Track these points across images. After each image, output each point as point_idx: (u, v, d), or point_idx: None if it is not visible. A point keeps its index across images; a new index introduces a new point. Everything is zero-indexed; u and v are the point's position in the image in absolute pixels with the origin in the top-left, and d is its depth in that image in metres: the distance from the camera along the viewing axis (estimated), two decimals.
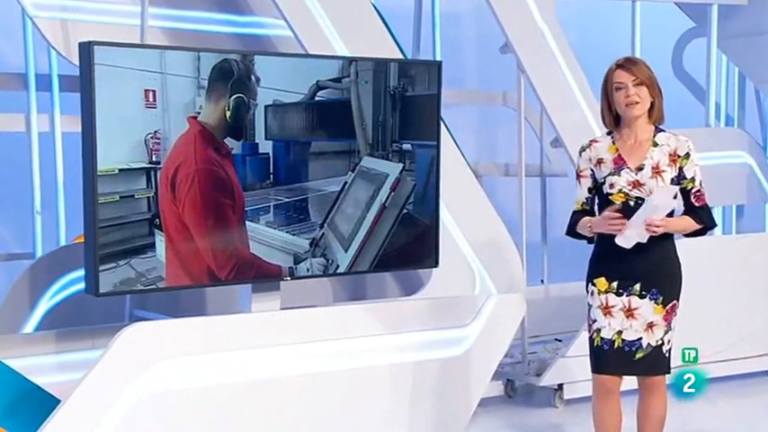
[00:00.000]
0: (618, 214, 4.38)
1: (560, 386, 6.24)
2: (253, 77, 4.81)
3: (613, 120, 4.55)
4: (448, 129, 5.83)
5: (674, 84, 8.04)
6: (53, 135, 6.07)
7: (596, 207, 4.62)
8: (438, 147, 5.41)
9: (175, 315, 5.17)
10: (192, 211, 4.67)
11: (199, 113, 4.67)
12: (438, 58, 6.79)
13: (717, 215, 7.35)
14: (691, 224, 4.54)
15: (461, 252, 5.85)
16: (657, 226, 4.34)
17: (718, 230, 7.45)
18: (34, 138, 6.05)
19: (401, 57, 5.71)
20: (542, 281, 7.42)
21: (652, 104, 4.48)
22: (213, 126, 4.72)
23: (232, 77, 4.75)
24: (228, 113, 4.74)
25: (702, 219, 4.55)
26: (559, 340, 6.80)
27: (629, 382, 4.66)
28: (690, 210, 4.54)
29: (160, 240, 4.63)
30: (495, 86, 7.72)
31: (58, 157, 6.05)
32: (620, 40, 7.00)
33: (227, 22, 5.91)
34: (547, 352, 6.64)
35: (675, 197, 4.39)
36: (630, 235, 4.36)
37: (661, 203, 4.35)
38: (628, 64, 4.47)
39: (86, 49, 4.40)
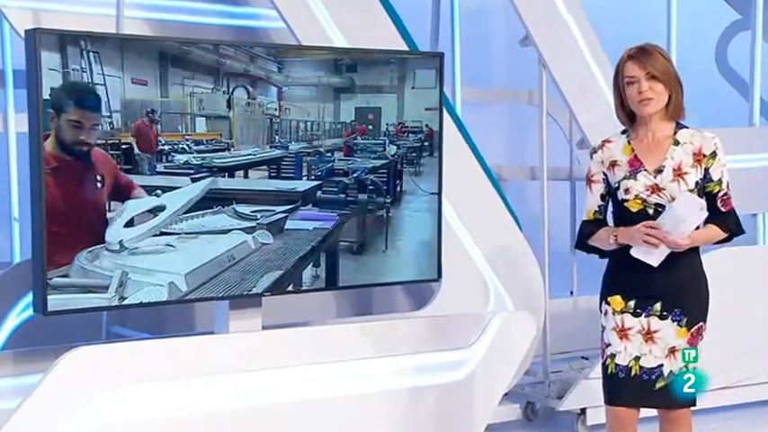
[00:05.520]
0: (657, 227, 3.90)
1: (583, 410, 5.82)
2: None
3: (627, 116, 4.07)
4: (463, 128, 5.55)
5: (717, 80, 7.83)
6: None
7: (610, 216, 4.19)
8: (440, 146, 5.10)
9: (159, 333, 4.93)
10: None
11: None
12: (456, 53, 6.63)
13: (760, 222, 6.91)
14: (717, 234, 4.09)
15: (473, 263, 5.57)
16: (680, 243, 3.90)
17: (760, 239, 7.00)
18: (12, 137, 5.74)
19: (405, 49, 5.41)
20: (571, 292, 7.15)
21: (669, 98, 3.99)
22: None
23: None
24: None
25: (729, 226, 4.10)
26: (586, 358, 6.41)
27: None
28: (715, 216, 4.06)
29: None
30: (524, 85, 7.46)
31: None
32: (659, 35, 6.57)
33: (217, 12, 5.64)
34: (572, 371, 6.25)
35: (702, 209, 3.93)
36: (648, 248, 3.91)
37: (688, 215, 3.89)
38: (639, 55, 3.99)
39: (31, 38, 4.04)
